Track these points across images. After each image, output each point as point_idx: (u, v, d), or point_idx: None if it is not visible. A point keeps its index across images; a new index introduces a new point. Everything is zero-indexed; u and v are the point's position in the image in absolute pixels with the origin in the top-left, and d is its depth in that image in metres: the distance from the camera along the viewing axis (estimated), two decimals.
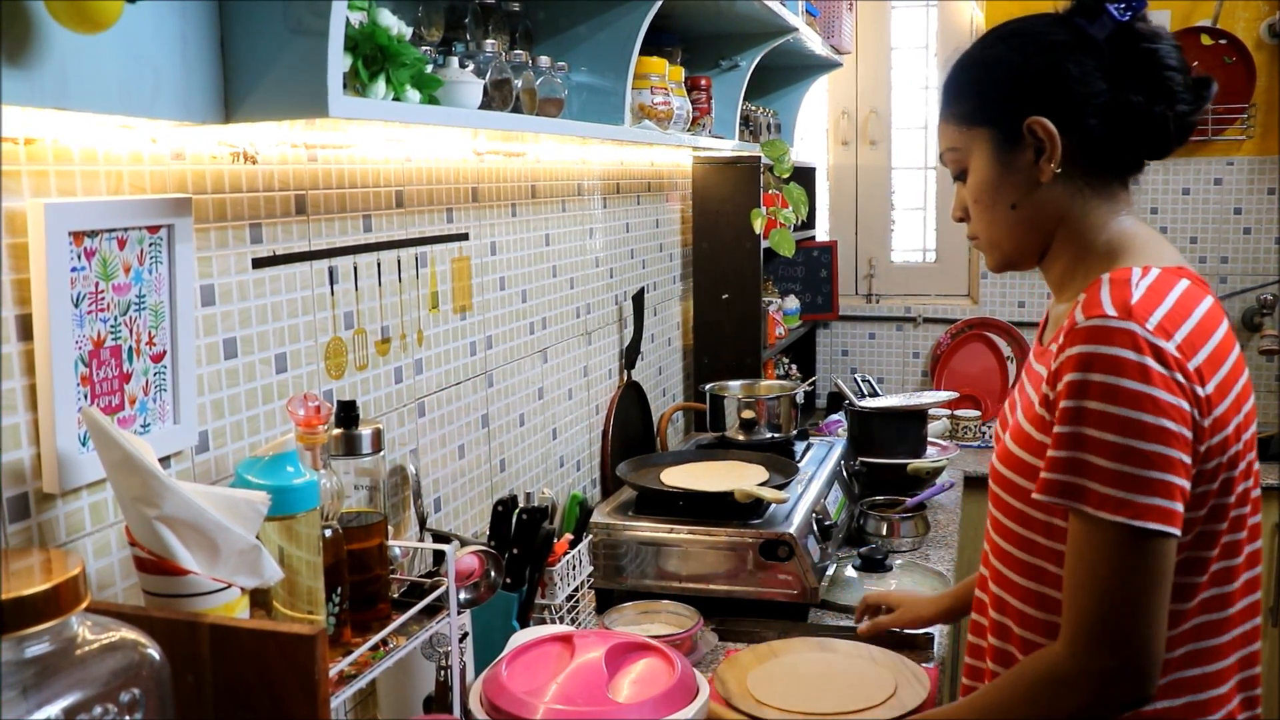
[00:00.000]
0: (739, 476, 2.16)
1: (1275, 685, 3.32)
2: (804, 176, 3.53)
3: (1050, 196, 1.24)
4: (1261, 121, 3.57)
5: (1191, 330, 1.13)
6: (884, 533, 2.42)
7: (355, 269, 1.54)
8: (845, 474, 2.47)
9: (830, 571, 2.08)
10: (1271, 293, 3.59)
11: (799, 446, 2.52)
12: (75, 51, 0.93)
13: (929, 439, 2.93)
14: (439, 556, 1.47)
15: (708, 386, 2.65)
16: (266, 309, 1.37)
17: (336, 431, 1.31)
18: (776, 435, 2.53)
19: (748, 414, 2.53)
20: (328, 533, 1.17)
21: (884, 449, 2.75)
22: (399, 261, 1.65)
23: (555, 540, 1.79)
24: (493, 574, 1.42)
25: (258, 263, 1.35)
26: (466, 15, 1.62)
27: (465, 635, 1.51)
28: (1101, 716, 1.15)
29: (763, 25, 2.66)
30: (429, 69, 1.34)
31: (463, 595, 1.39)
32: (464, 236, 1.83)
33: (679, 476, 2.18)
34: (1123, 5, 1.19)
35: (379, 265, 1.60)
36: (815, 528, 2.05)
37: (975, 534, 3.14)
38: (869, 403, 2.86)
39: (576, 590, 1.87)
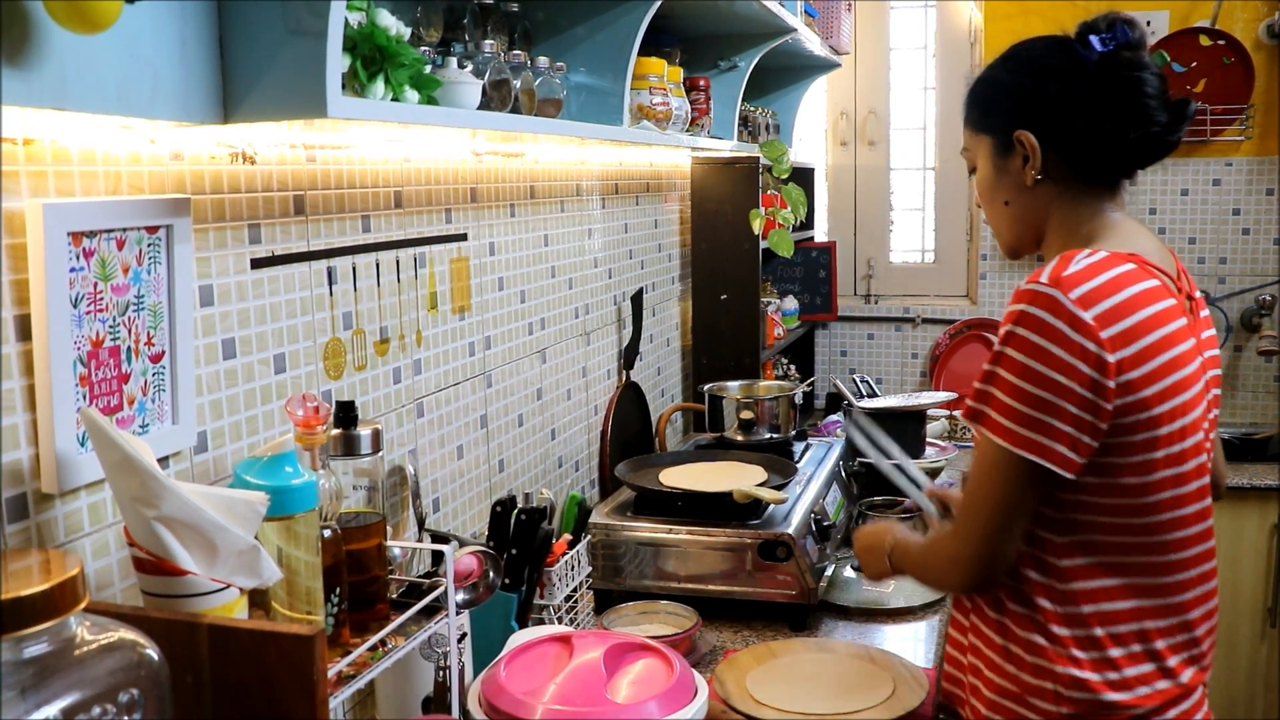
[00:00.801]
0: (737, 477, 2.16)
1: (1275, 685, 3.33)
2: (802, 177, 3.53)
3: (1037, 196, 1.44)
4: (1260, 122, 3.57)
5: (1116, 304, 1.28)
6: None
7: (354, 269, 1.54)
8: (844, 474, 2.47)
9: (829, 572, 2.08)
10: (1270, 293, 3.59)
11: (797, 447, 2.53)
12: (74, 52, 0.93)
13: (927, 439, 2.93)
14: (438, 557, 1.47)
15: (706, 387, 2.65)
16: (265, 309, 1.37)
17: (335, 432, 1.31)
18: (775, 436, 2.54)
19: (746, 414, 2.53)
20: (326, 533, 1.17)
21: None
22: (398, 262, 1.65)
23: (554, 541, 1.79)
24: (491, 574, 1.42)
25: (256, 263, 1.35)
26: (465, 16, 1.62)
27: (464, 636, 1.50)
28: (946, 588, 1.57)
29: (761, 26, 2.66)
30: (428, 69, 1.34)
31: (461, 596, 1.39)
32: (463, 237, 1.84)
33: (677, 477, 2.18)
34: (1106, 36, 1.36)
35: (378, 266, 1.60)
36: (814, 528, 2.05)
37: None
38: (868, 403, 2.87)
39: (575, 591, 1.87)
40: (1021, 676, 1.38)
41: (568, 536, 1.89)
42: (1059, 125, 1.38)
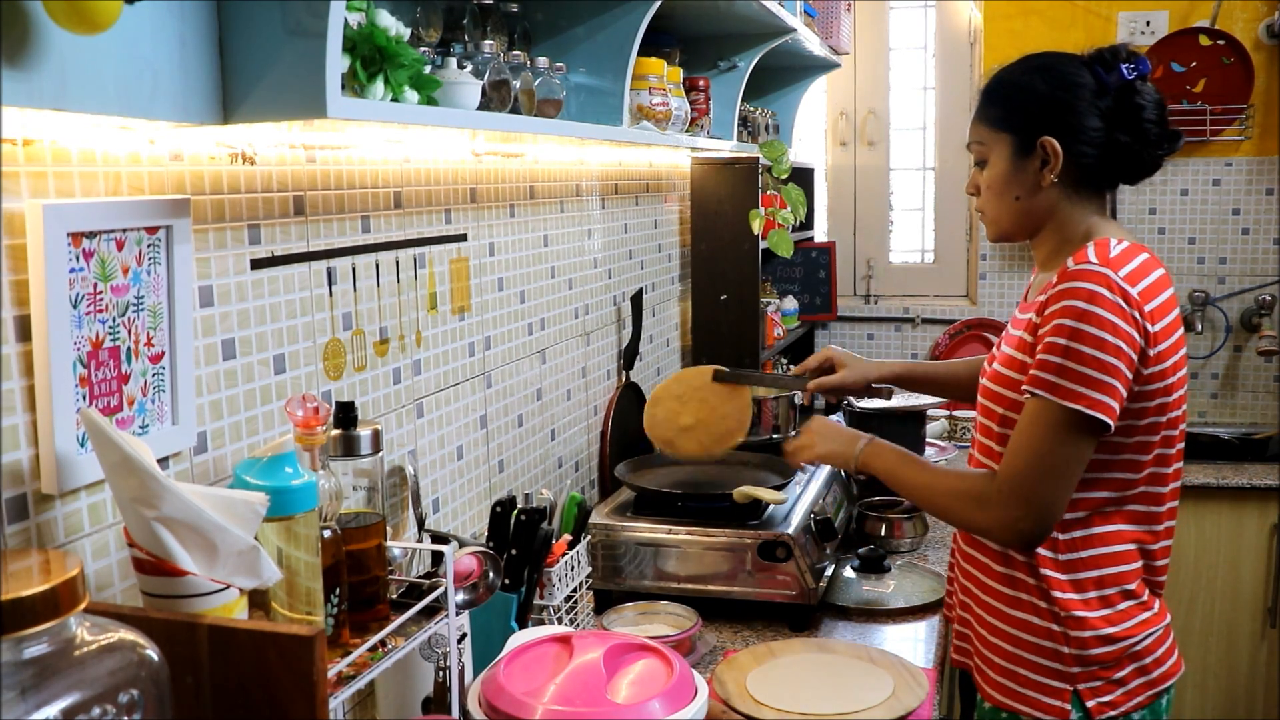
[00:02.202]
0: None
1: (1275, 685, 3.33)
2: (802, 177, 3.53)
3: (1047, 196, 1.59)
4: (1260, 122, 3.57)
5: (1148, 285, 1.50)
6: (882, 534, 2.42)
7: (354, 270, 1.54)
8: (844, 474, 2.47)
9: (829, 572, 2.08)
10: (1270, 293, 3.59)
11: None
12: (74, 52, 0.93)
13: (927, 439, 2.93)
14: (437, 557, 1.47)
15: None
16: (265, 310, 1.37)
17: (335, 432, 1.31)
18: (775, 436, 2.53)
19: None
20: (326, 533, 1.17)
21: None
22: (397, 262, 1.65)
23: (554, 541, 1.79)
24: (491, 575, 1.42)
25: (256, 264, 1.35)
26: (465, 16, 1.62)
27: (464, 636, 1.50)
28: (995, 541, 1.59)
29: (761, 26, 2.66)
30: (427, 70, 1.34)
31: (461, 596, 1.38)
32: (462, 237, 1.83)
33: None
34: (1131, 67, 1.54)
35: (377, 266, 1.60)
36: (814, 528, 2.05)
37: None
38: (867, 403, 2.86)
39: (575, 591, 1.87)
40: (1026, 617, 1.57)
41: (567, 537, 1.88)
42: (1080, 137, 1.55)
